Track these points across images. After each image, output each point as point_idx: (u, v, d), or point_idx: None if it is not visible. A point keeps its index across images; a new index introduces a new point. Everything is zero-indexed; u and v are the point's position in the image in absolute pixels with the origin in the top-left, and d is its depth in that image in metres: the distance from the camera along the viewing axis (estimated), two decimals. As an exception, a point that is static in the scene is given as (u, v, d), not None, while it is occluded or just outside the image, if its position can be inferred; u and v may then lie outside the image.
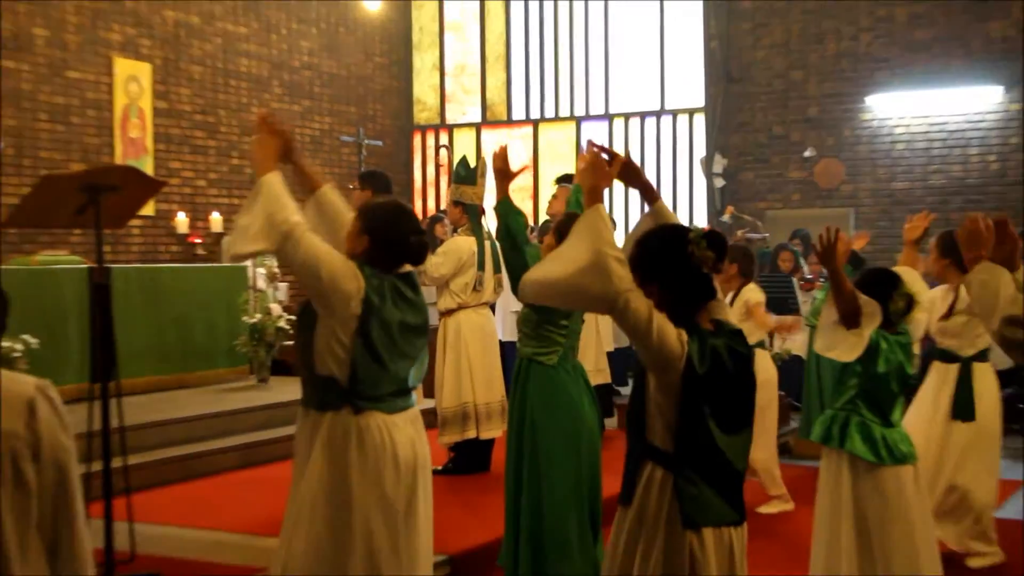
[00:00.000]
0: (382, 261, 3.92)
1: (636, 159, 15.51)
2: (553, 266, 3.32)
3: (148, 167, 12.22)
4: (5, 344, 7.61)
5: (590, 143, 3.69)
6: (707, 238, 3.38)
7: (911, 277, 5.28)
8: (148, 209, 11.70)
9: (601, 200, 3.38)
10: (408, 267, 4.06)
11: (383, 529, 3.84)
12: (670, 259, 3.36)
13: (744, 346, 3.39)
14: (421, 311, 4.04)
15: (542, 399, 5.31)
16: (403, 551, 3.90)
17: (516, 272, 5.22)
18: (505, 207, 5.27)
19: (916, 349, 5.43)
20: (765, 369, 7.05)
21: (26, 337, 7.78)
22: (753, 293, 7.19)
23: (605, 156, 3.71)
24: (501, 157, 5.26)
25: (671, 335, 3.17)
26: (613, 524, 3.46)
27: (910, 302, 4.78)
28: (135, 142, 12.56)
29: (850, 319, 4.51)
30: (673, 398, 3.25)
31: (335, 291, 3.76)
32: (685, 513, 3.26)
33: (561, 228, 5.38)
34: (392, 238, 3.97)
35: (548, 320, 5.28)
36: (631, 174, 4.04)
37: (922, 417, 6.22)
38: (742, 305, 7.03)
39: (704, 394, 3.23)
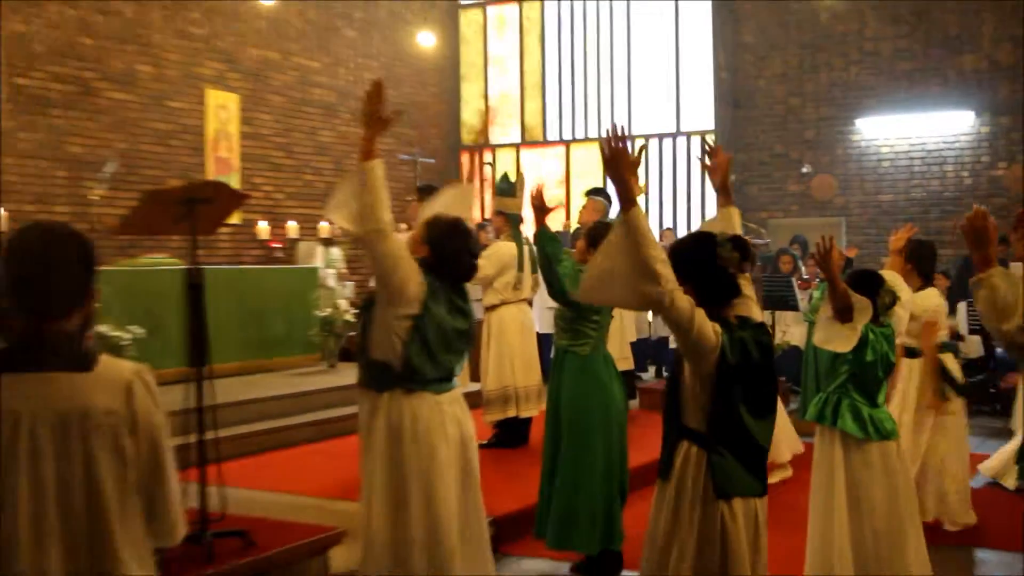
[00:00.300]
0: (437, 271, 3.92)
1: (655, 175, 15.44)
2: (606, 270, 3.17)
3: (235, 182, 12.30)
4: (115, 333, 7.71)
5: (611, 131, 3.23)
6: (732, 242, 3.36)
7: (893, 278, 5.30)
8: (235, 218, 11.75)
9: (635, 201, 3.15)
10: None
11: (440, 494, 3.84)
12: (701, 261, 3.33)
13: (768, 338, 3.36)
14: (469, 316, 4.05)
15: (577, 384, 5.31)
16: (459, 514, 3.90)
17: (552, 283, 5.28)
18: (543, 236, 5.29)
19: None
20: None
21: (133, 327, 7.87)
22: None
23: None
24: (538, 196, 5.26)
25: (708, 329, 3.14)
26: (654, 497, 3.43)
27: (893, 299, 4.82)
28: (224, 161, 12.65)
29: (844, 314, 4.48)
30: (708, 384, 3.22)
31: (402, 291, 3.77)
32: (717, 485, 3.24)
33: (591, 234, 5.41)
34: (448, 254, 3.96)
35: (581, 316, 5.30)
36: (719, 173, 3.98)
37: (893, 407, 6.17)
38: None
39: (735, 381, 3.21)
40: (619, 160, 3.17)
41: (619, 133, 3.18)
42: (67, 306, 2.43)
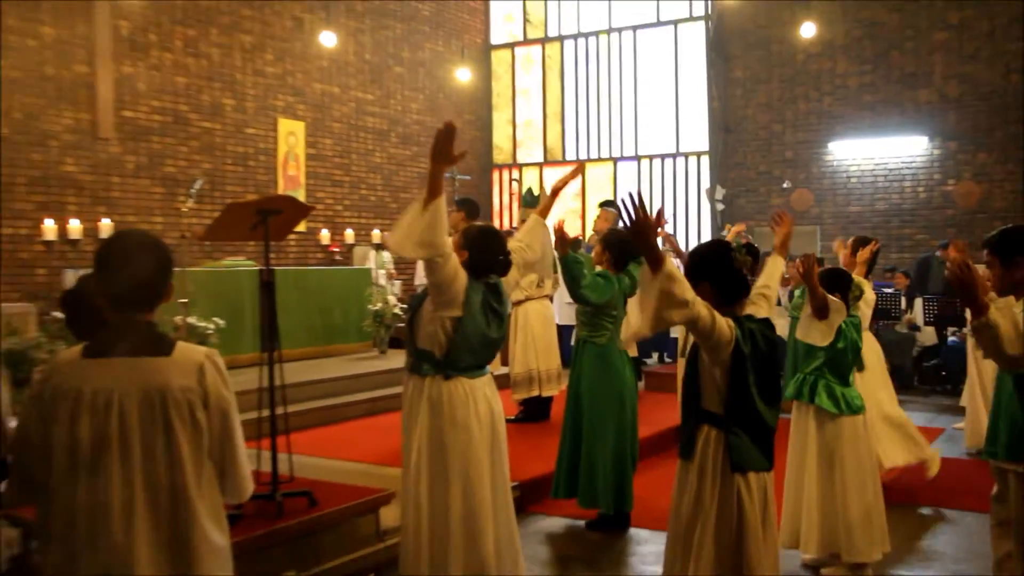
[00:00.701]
0: (475, 271, 3.87)
1: (658, 191, 15.31)
2: (644, 315, 3.02)
3: (301, 196, 12.31)
4: (201, 323, 7.73)
5: (633, 202, 3.01)
6: (746, 247, 3.30)
7: (858, 280, 5.42)
8: (301, 227, 11.79)
9: (663, 258, 2.97)
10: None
11: (474, 465, 3.79)
12: (718, 264, 3.25)
13: (773, 332, 3.28)
14: (503, 317, 3.99)
15: (595, 370, 5.30)
16: (489, 481, 3.85)
17: (576, 295, 5.23)
18: (566, 260, 5.20)
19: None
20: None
21: (216, 319, 7.89)
22: None
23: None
24: (560, 230, 5.18)
25: (724, 325, 3.07)
26: (676, 475, 3.34)
27: (860, 293, 5.01)
28: (292, 178, 12.66)
29: (821, 312, 4.46)
30: (725, 372, 3.14)
31: (456, 300, 3.75)
32: (734, 461, 3.16)
33: (606, 241, 5.38)
34: (484, 256, 3.91)
35: (600, 312, 5.29)
36: (782, 233, 3.94)
37: None
38: None
39: (749, 368, 3.13)
40: (644, 231, 3.00)
41: (640, 203, 3.00)
42: (149, 300, 2.44)
